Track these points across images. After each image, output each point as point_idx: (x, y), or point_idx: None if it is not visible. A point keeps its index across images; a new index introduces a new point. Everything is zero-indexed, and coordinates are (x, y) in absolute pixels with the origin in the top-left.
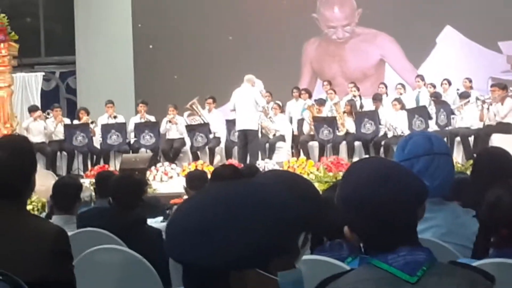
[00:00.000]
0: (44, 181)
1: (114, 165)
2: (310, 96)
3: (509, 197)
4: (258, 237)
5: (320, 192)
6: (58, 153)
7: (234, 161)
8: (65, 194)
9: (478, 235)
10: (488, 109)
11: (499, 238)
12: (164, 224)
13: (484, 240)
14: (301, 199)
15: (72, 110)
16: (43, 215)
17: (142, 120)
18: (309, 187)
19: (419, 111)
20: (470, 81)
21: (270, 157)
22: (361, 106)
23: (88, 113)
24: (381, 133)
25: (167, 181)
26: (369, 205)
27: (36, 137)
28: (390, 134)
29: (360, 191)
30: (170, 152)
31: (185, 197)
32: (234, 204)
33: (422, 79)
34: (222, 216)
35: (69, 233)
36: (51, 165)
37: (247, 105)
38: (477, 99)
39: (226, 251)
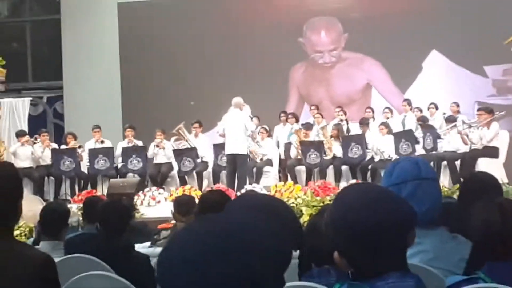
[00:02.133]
0: (32, 206)
1: (102, 190)
2: (297, 121)
3: (497, 215)
4: (246, 272)
5: (308, 217)
6: (46, 178)
7: (222, 185)
8: (53, 219)
9: (470, 256)
10: (467, 135)
11: (494, 254)
12: (152, 249)
13: (478, 256)
14: (284, 229)
15: (59, 135)
16: (31, 240)
17: (130, 145)
18: (288, 212)
19: (406, 135)
20: (458, 105)
21: (257, 182)
22: (348, 130)
23: (75, 138)
24: (368, 157)
25: (155, 206)
26: (358, 230)
27: (23, 162)
28: (377, 158)
29: (350, 215)
30: (158, 176)
31: (173, 221)
32: (224, 239)
33: (409, 103)
34: (216, 249)
35: (57, 259)
36: (39, 190)
37: (236, 129)
38: (463, 122)
39: (216, 285)
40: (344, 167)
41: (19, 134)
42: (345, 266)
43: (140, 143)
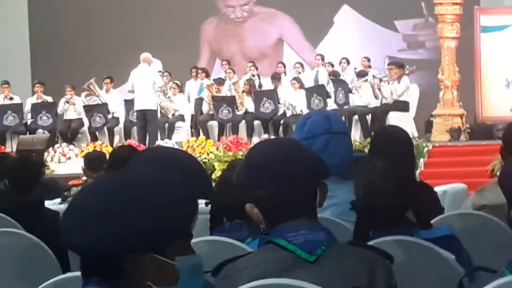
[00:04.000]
0: None
1: (11, 147)
2: (207, 76)
3: (381, 183)
4: (150, 223)
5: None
6: None
7: (133, 141)
8: None
9: (357, 220)
10: (379, 89)
11: (376, 222)
12: (62, 206)
13: (363, 224)
14: (189, 179)
15: None
16: None
17: (39, 101)
18: (192, 161)
19: (318, 90)
20: (369, 60)
21: (169, 137)
22: (260, 86)
23: None
24: (280, 112)
25: (65, 162)
26: (273, 177)
27: None
28: (289, 113)
29: (266, 163)
30: (68, 132)
31: (84, 178)
32: (125, 192)
33: (322, 58)
34: (114, 204)
35: None
36: None
37: (145, 85)
38: (374, 77)
39: (120, 237)
40: (256, 122)
41: None
42: (257, 216)
43: (49, 99)
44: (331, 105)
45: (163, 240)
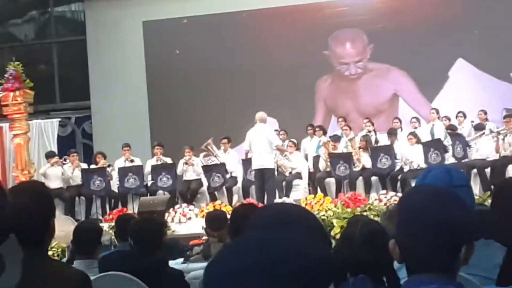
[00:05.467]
0: (63, 227)
1: (132, 208)
2: (324, 133)
3: None
4: (300, 282)
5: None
6: (76, 198)
7: (252, 200)
8: (86, 238)
9: (505, 260)
10: (503, 139)
11: None
12: (185, 265)
13: (510, 266)
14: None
15: (88, 155)
16: (64, 260)
17: (159, 163)
18: (315, 220)
19: (435, 144)
20: (486, 113)
21: (287, 195)
22: (376, 141)
23: (105, 157)
24: (397, 168)
25: (186, 223)
26: (428, 222)
27: (54, 183)
28: (406, 168)
29: (422, 207)
30: (188, 193)
31: (205, 237)
32: (276, 253)
33: (437, 112)
34: (265, 262)
35: (92, 277)
36: (70, 211)
37: (262, 144)
38: (491, 131)
39: None
40: (374, 178)
41: (49, 155)
42: (397, 256)
43: (169, 160)
44: (449, 159)
45: None
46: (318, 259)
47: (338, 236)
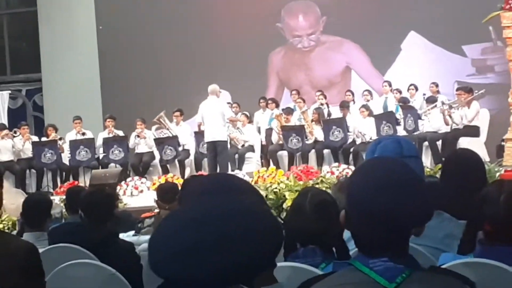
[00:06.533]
0: (14, 200)
1: (84, 181)
2: (277, 106)
3: (496, 194)
4: (243, 255)
5: (291, 202)
6: (27, 171)
7: (204, 172)
8: (36, 211)
9: (465, 230)
10: (450, 116)
11: (484, 235)
12: (136, 238)
13: (471, 236)
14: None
15: (39, 128)
16: (14, 233)
17: (110, 135)
18: (246, 183)
19: (387, 117)
20: (437, 85)
21: (240, 168)
22: (329, 114)
23: (56, 130)
24: (350, 140)
25: (138, 195)
26: (377, 210)
27: (4, 156)
28: (358, 141)
29: (371, 195)
30: (140, 166)
31: (156, 210)
32: (225, 224)
33: (390, 84)
34: (214, 236)
35: (41, 250)
36: (21, 183)
37: (214, 116)
38: (443, 103)
39: (216, 270)
40: (326, 151)
41: None
42: (347, 226)
43: (121, 133)
44: (400, 132)
45: (253, 271)
46: (268, 230)
47: None
